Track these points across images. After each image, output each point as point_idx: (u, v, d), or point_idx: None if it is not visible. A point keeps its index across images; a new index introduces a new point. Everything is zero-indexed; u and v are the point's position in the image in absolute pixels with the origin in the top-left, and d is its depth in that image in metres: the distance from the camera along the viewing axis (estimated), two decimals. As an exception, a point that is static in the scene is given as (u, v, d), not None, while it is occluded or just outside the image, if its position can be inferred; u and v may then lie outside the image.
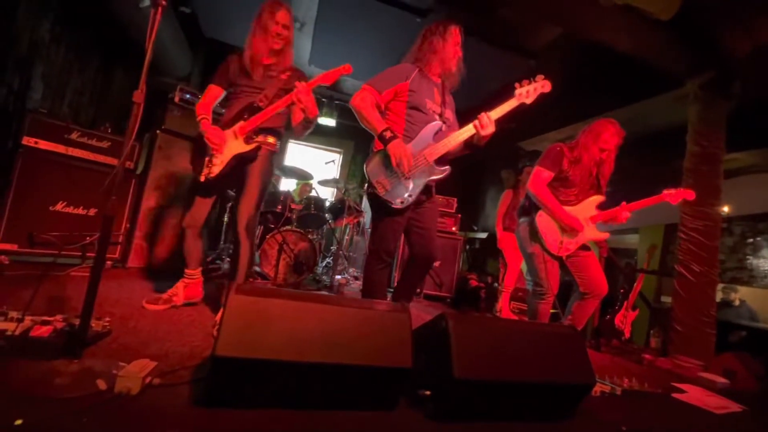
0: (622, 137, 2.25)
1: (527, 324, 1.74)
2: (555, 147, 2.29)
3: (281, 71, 2.03)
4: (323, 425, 1.10)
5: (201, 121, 1.98)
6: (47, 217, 2.39)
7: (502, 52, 3.82)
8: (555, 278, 2.24)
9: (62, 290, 1.93)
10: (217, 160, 1.96)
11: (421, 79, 1.95)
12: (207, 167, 1.97)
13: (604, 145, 2.22)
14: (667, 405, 1.84)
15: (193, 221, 2.05)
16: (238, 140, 1.96)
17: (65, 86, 3.03)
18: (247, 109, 1.96)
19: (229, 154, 1.95)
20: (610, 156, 2.26)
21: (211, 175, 1.94)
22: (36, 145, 2.34)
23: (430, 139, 1.89)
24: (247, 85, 2.01)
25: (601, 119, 2.31)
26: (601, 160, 2.25)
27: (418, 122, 1.91)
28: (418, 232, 1.98)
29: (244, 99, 2.00)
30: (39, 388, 1.00)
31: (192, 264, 2.10)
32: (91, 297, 1.14)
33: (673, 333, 2.87)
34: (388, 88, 1.89)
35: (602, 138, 2.22)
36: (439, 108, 1.98)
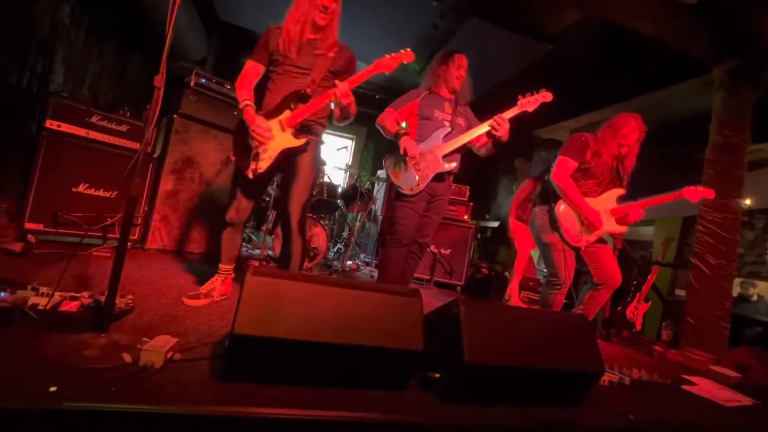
0: (643, 132, 2.19)
1: (538, 312, 1.76)
2: (580, 137, 2.25)
3: (327, 48, 1.82)
4: (336, 401, 1.14)
5: (245, 109, 1.76)
6: (70, 199, 2.47)
7: (519, 37, 3.73)
8: (571, 269, 2.23)
9: (86, 269, 2.01)
10: (265, 155, 1.77)
11: (431, 97, 2.32)
12: (254, 161, 1.78)
13: (622, 140, 2.17)
14: (676, 396, 1.85)
15: (238, 217, 1.92)
16: (286, 133, 1.77)
17: (85, 70, 3.09)
18: (294, 97, 1.77)
19: (276, 149, 1.77)
20: (631, 151, 2.21)
21: (259, 171, 1.77)
22: (58, 128, 2.40)
23: (439, 139, 2.23)
24: (291, 64, 1.81)
25: (624, 113, 2.25)
26: (621, 155, 2.20)
27: (427, 128, 2.26)
28: (423, 220, 2.29)
29: (288, 82, 1.81)
30: (70, 359, 1.06)
31: (228, 260, 1.99)
32: (117, 273, 1.20)
33: (686, 326, 2.85)
34: (402, 107, 2.30)
35: (621, 133, 2.17)
36: (449, 117, 2.31)
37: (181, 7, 1.27)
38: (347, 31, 4.39)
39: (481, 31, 3.69)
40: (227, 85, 3.17)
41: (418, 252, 2.37)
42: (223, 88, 3.14)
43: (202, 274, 2.42)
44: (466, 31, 3.77)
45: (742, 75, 2.93)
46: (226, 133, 3.13)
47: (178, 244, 2.95)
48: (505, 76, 4.32)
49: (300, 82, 1.79)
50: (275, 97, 1.81)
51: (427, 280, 3.99)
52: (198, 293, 1.86)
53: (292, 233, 1.85)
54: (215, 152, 3.09)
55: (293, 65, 1.81)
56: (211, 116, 3.06)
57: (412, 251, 2.35)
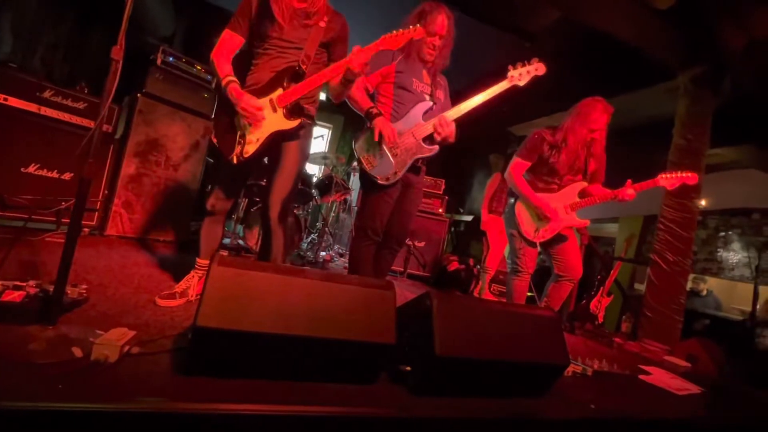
0: (610, 114, 2.19)
1: (508, 305, 1.79)
2: (534, 134, 2.28)
3: (318, 16, 1.64)
4: (305, 395, 1.11)
5: (228, 86, 1.57)
6: (19, 180, 2.27)
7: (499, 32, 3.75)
8: (531, 259, 2.31)
9: (35, 256, 1.87)
10: (253, 137, 1.60)
11: (407, 61, 1.95)
12: (239, 145, 1.62)
13: (593, 125, 2.16)
14: (634, 386, 1.94)
15: (221, 206, 1.77)
16: (278, 113, 1.61)
17: (37, 40, 2.83)
18: (287, 74, 1.60)
19: (267, 131, 1.60)
20: (601, 135, 2.21)
21: (244, 155, 1.61)
22: (5, 101, 2.20)
23: (419, 118, 1.93)
24: (279, 38, 1.63)
25: (586, 99, 2.23)
26: (591, 141, 2.20)
27: (406, 102, 1.94)
28: (399, 213, 2.03)
29: (277, 58, 1.64)
30: (11, 353, 0.97)
31: (207, 253, 1.80)
32: (67, 262, 1.10)
33: (644, 318, 3.01)
34: (374, 71, 1.91)
35: (591, 118, 2.16)
36: (428, 88, 2.00)
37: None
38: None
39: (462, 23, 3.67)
40: (197, 65, 3.00)
41: (396, 248, 2.16)
42: (192, 68, 2.97)
43: (167, 263, 2.30)
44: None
45: (704, 83, 3.08)
46: (195, 115, 2.98)
47: (142, 231, 2.80)
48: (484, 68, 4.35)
49: (291, 57, 1.63)
50: (263, 74, 1.64)
51: (401, 272, 4.00)
52: (173, 292, 1.69)
53: (272, 226, 1.71)
54: (183, 135, 2.93)
55: (282, 39, 1.63)
56: (179, 97, 2.90)
57: (390, 247, 2.12)
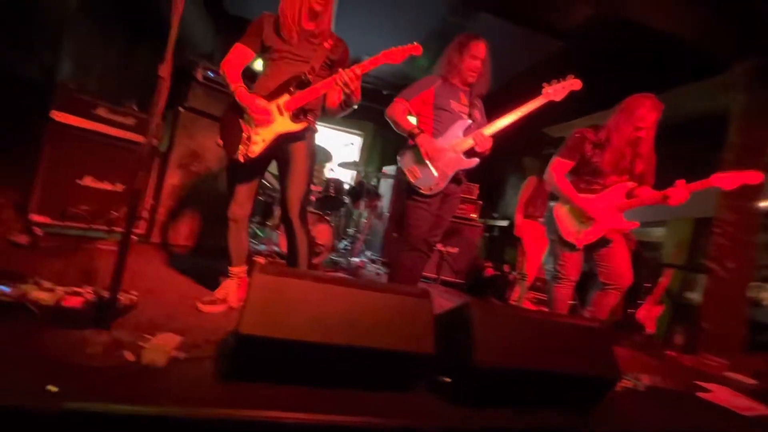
0: (660, 111, 2.03)
1: (552, 315, 1.71)
2: (575, 133, 2.18)
3: (323, 37, 1.77)
4: (344, 404, 1.10)
5: (236, 90, 1.69)
6: (76, 191, 2.45)
7: (530, 33, 3.65)
8: (574, 266, 2.18)
9: (91, 263, 1.99)
10: (258, 138, 1.69)
11: (445, 86, 2.15)
12: (244, 145, 1.70)
13: (639, 122, 2.02)
14: (692, 403, 1.79)
15: (241, 212, 1.83)
16: (284, 117, 1.69)
17: (92, 62, 3.06)
18: (294, 82, 1.70)
19: (273, 132, 1.69)
20: (648, 134, 2.05)
21: (250, 154, 1.69)
22: (65, 120, 2.38)
23: (458, 134, 2.09)
24: (288, 51, 1.75)
25: (634, 95, 2.09)
26: (637, 140, 2.05)
27: (445, 120, 2.11)
28: (435, 220, 2.15)
29: (285, 67, 1.74)
30: (72, 357, 1.03)
31: (239, 260, 1.88)
32: (120, 270, 1.17)
33: (700, 330, 2.78)
34: (415, 96, 2.13)
35: (637, 115, 2.02)
36: (466, 109, 2.17)
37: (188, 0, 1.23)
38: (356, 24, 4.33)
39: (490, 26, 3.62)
40: (234, 78, 3.13)
41: (426, 251, 2.26)
42: (230, 81, 3.10)
43: (208, 269, 2.39)
44: (475, 26, 3.70)
45: (762, 75, 2.84)
46: (233, 127, 3.10)
47: (184, 238, 2.93)
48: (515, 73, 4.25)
49: (298, 68, 1.73)
50: (270, 81, 1.73)
51: (434, 278, 3.95)
52: (214, 299, 1.77)
53: (294, 227, 1.78)
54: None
55: (291, 53, 1.74)
56: (217, 110, 3.02)
57: (420, 250, 2.24)
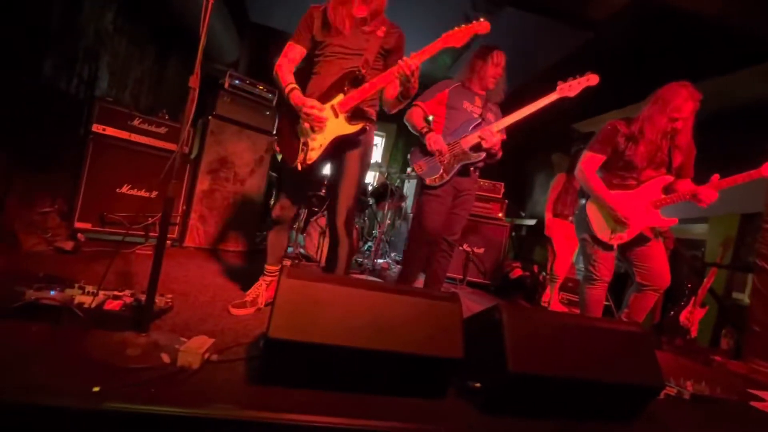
0: (698, 101, 1.90)
1: (589, 319, 1.64)
2: (607, 125, 2.07)
3: (376, 25, 1.66)
4: (372, 409, 1.09)
5: (291, 93, 1.60)
6: (115, 199, 2.58)
7: (557, 26, 3.53)
8: (607, 266, 2.08)
9: (129, 267, 2.09)
10: (315, 144, 1.61)
11: (461, 89, 2.27)
12: (302, 152, 1.63)
13: (675, 113, 1.90)
14: (745, 414, 1.67)
15: (284, 214, 1.79)
16: (340, 119, 1.61)
17: (127, 75, 3.22)
18: (347, 79, 1.61)
19: (329, 137, 1.61)
20: (686, 125, 1.92)
21: (308, 161, 1.62)
22: (104, 131, 2.51)
23: (467, 130, 2.17)
24: (340, 45, 1.65)
25: (671, 84, 1.96)
26: (673, 131, 1.93)
27: (455, 118, 2.22)
28: (449, 215, 2.24)
29: (337, 65, 1.65)
30: (113, 359, 1.08)
31: (275, 260, 1.86)
32: (156, 274, 1.21)
33: (750, 334, 2.58)
34: (431, 98, 2.26)
35: (672, 105, 1.90)
36: (479, 110, 2.25)
37: (214, 10, 1.26)
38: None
39: (516, 21, 3.52)
40: (260, 85, 3.20)
41: (448, 250, 2.32)
42: (256, 88, 3.18)
43: (238, 272, 2.45)
44: (499, 21, 3.62)
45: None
46: (259, 132, 3.17)
47: (214, 242, 3.02)
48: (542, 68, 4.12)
49: (351, 63, 1.65)
50: (323, 81, 1.65)
51: (460, 279, 3.89)
52: (244, 301, 1.77)
53: (339, 235, 1.75)
54: (249, 152, 3.13)
55: (342, 46, 1.65)
56: (244, 117, 3.11)
57: (443, 250, 2.31)
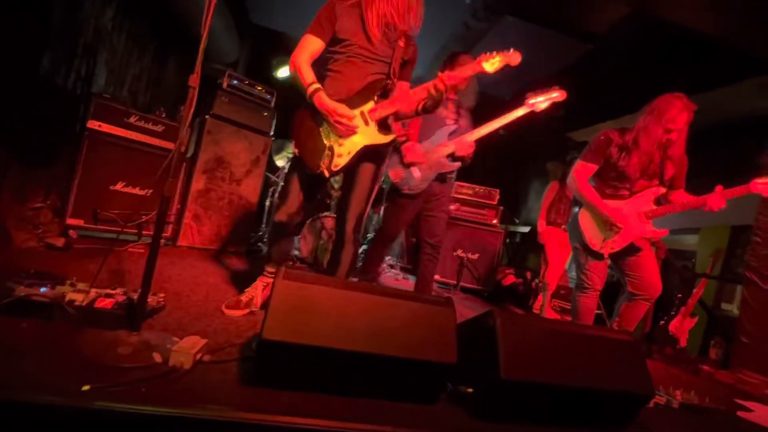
0: (692, 111, 1.93)
1: (581, 327, 1.65)
2: (600, 135, 2.10)
3: (398, 35, 1.62)
4: (364, 412, 1.09)
5: (314, 95, 1.51)
6: (109, 196, 2.55)
7: (556, 36, 3.58)
8: (599, 274, 2.11)
9: (122, 265, 2.07)
10: (344, 150, 1.55)
11: None
12: (327, 158, 1.56)
13: (670, 124, 1.92)
14: (732, 424, 1.69)
15: (289, 220, 1.73)
16: (370, 127, 1.57)
17: (125, 73, 3.20)
18: (377, 87, 1.58)
19: (359, 144, 1.56)
20: (680, 136, 1.95)
21: (333, 168, 1.56)
22: (99, 128, 2.49)
23: (444, 138, 2.19)
24: (365, 47, 1.59)
25: (665, 95, 1.99)
26: (668, 142, 1.95)
27: (430, 125, 2.21)
28: (427, 218, 2.31)
29: (362, 66, 1.59)
30: (104, 357, 1.07)
31: (276, 262, 1.83)
32: (149, 273, 1.20)
33: (739, 345, 2.62)
34: None
35: (668, 116, 1.92)
36: (453, 115, 2.27)
37: (215, 11, 1.26)
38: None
39: (515, 30, 3.56)
40: (259, 86, 3.21)
41: (433, 254, 2.37)
42: (254, 89, 3.18)
43: (231, 273, 2.44)
44: (499, 30, 3.66)
45: (806, 73, 2.69)
46: (256, 133, 3.17)
47: (209, 242, 3.00)
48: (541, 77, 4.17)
49: (377, 68, 1.61)
50: (348, 83, 1.59)
51: (454, 285, 3.90)
52: (238, 301, 1.74)
53: (346, 241, 1.72)
54: (245, 152, 3.13)
55: (368, 50, 1.60)
56: (242, 117, 3.10)
57: (427, 253, 2.36)
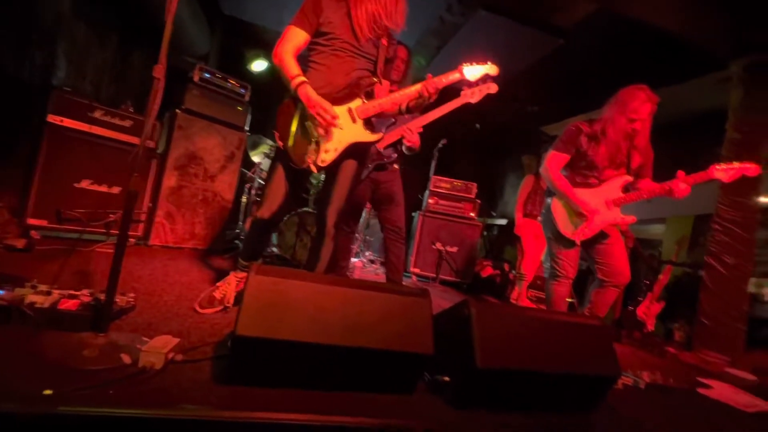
0: (655, 103, 2.01)
1: (552, 314, 1.70)
2: (570, 126, 2.17)
3: (382, 33, 1.63)
4: (342, 405, 1.10)
5: (299, 87, 1.49)
6: (73, 195, 2.44)
7: (529, 31, 3.64)
8: (571, 263, 2.18)
9: (88, 265, 1.98)
10: (330, 146, 1.55)
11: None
12: (314, 153, 1.55)
13: (633, 114, 1.99)
14: (693, 400, 1.79)
15: (271, 217, 1.68)
16: (357, 124, 1.57)
17: (86, 64, 3.04)
18: (365, 84, 1.59)
19: (345, 141, 1.56)
20: (644, 126, 2.02)
21: (321, 163, 1.55)
22: (61, 123, 2.37)
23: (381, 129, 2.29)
24: (349, 42, 1.59)
25: (629, 86, 2.07)
26: (633, 132, 2.03)
27: None
28: (382, 209, 2.40)
29: (347, 61, 1.59)
30: (68, 360, 1.02)
31: (250, 256, 1.79)
32: (116, 273, 1.16)
33: (700, 327, 2.78)
34: None
35: (631, 107, 1.99)
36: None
37: (182, 0, 1.21)
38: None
39: (488, 25, 3.61)
40: (231, 80, 3.12)
41: (396, 237, 2.41)
42: (227, 83, 3.09)
43: (206, 271, 2.38)
44: (473, 25, 3.69)
45: (760, 71, 2.84)
46: (230, 128, 3.09)
47: (182, 240, 2.92)
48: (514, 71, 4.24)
49: (363, 64, 1.62)
50: (333, 77, 1.57)
51: (433, 278, 3.94)
52: (212, 298, 1.70)
53: (325, 235, 1.71)
54: (219, 148, 3.05)
55: (353, 45, 1.60)
56: (214, 111, 3.02)
57: (390, 238, 2.41)
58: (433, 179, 4.21)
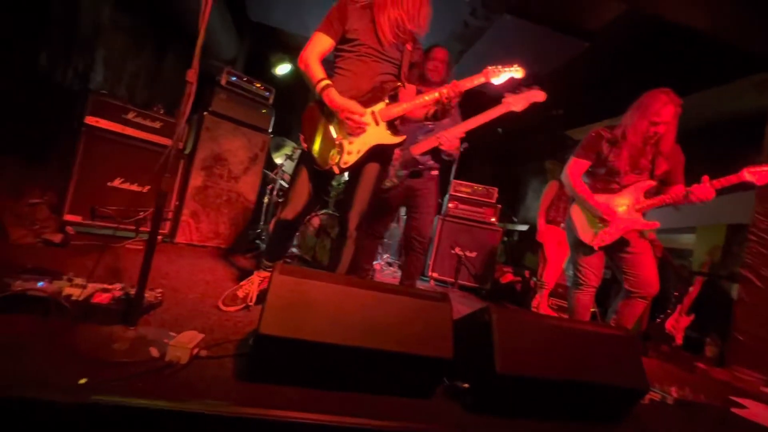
0: (679, 105, 1.92)
1: (577, 323, 1.66)
2: (591, 132, 2.12)
3: (407, 38, 1.65)
4: (360, 407, 1.10)
5: (324, 91, 1.54)
6: (106, 193, 2.55)
7: (554, 34, 3.58)
8: (595, 272, 2.11)
9: (119, 261, 2.07)
10: (353, 148, 1.58)
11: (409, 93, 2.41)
12: (338, 154, 1.57)
13: (655, 117, 1.91)
14: (726, 420, 1.70)
15: (294, 218, 1.71)
16: (381, 127, 1.60)
17: (123, 69, 3.20)
18: (389, 88, 1.61)
19: (369, 143, 1.58)
20: (668, 129, 1.94)
21: (344, 165, 1.57)
22: (97, 124, 2.49)
23: (417, 138, 2.26)
24: (373, 47, 1.62)
25: (651, 90, 2.00)
26: (655, 136, 1.95)
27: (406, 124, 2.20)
28: (413, 217, 2.38)
29: (371, 66, 1.62)
30: (100, 351, 1.07)
31: (274, 257, 1.82)
32: (147, 269, 1.20)
33: (733, 342, 2.64)
34: None
35: (652, 110, 1.91)
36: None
37: (213, 8, 1.26)
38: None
39: (513, 29, 3.57)
40: (257, 84, 3.20)
41: (419, 250, 2.39)
42: (253, 86, 3.17)
43: (229, 270, 2.44)
44: (497, 29, 3.66)
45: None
46: (254, 130, 3.17)
47: (206, 238, 3.00)
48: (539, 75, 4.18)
49: (387, 68, 1.65)
50: (358, 81, 1.61)
51: (452, 283, 3.90)
52: (235, 297, 1.74)
53: (348, 238, 1.72)
54: (243, 150, 3.13)
55: (377, 50, 1.63)
56: (240, 114, 3.10)
57: (415, 250, 2.37)
58: (454, 183, 4.18)
